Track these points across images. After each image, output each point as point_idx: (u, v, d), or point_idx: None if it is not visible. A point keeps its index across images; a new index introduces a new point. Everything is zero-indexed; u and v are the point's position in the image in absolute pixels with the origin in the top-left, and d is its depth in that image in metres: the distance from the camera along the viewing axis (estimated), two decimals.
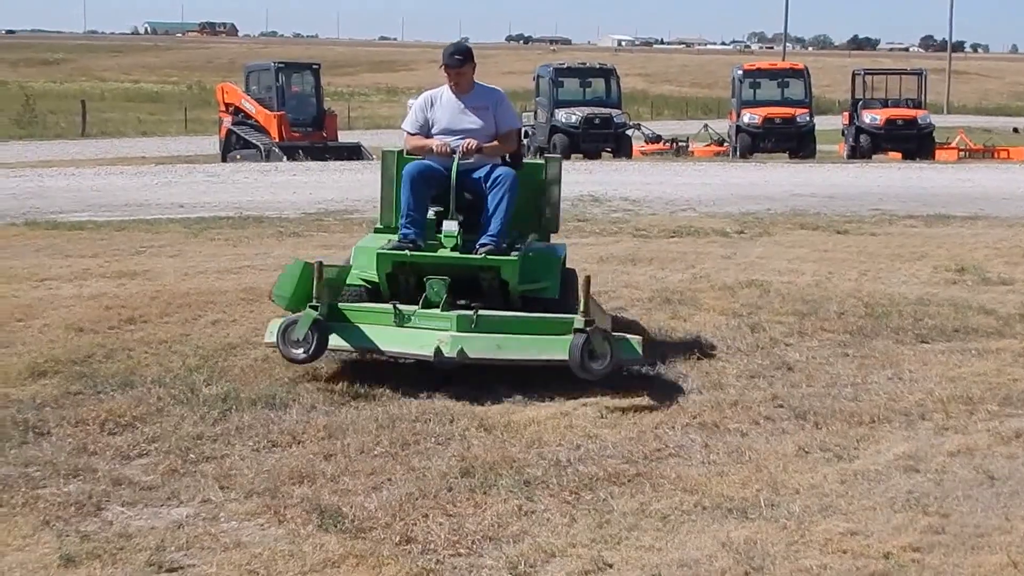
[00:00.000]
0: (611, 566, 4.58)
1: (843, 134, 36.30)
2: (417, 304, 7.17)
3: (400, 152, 8.08)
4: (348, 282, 7.50)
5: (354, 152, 29.57)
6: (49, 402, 6.58)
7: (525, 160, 8.35)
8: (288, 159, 28.02)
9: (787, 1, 70.78)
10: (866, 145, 33.84)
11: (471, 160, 7.63)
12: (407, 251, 7.34)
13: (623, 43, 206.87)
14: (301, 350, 6.87)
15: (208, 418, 6.31)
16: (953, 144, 37.13)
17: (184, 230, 13.69)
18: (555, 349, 6.85)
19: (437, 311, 7.13)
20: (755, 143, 34.08)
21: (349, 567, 4.54)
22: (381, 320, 7.15)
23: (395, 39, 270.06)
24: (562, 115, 33.14)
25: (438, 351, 6.83)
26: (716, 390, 7.05)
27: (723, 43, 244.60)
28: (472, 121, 7.82)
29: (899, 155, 32.96)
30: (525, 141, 35.02)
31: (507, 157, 7.95)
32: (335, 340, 7.00)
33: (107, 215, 15.43)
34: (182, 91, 72.58)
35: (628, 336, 7.15)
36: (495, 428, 6.24)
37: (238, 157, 30.26)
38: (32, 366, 7.25)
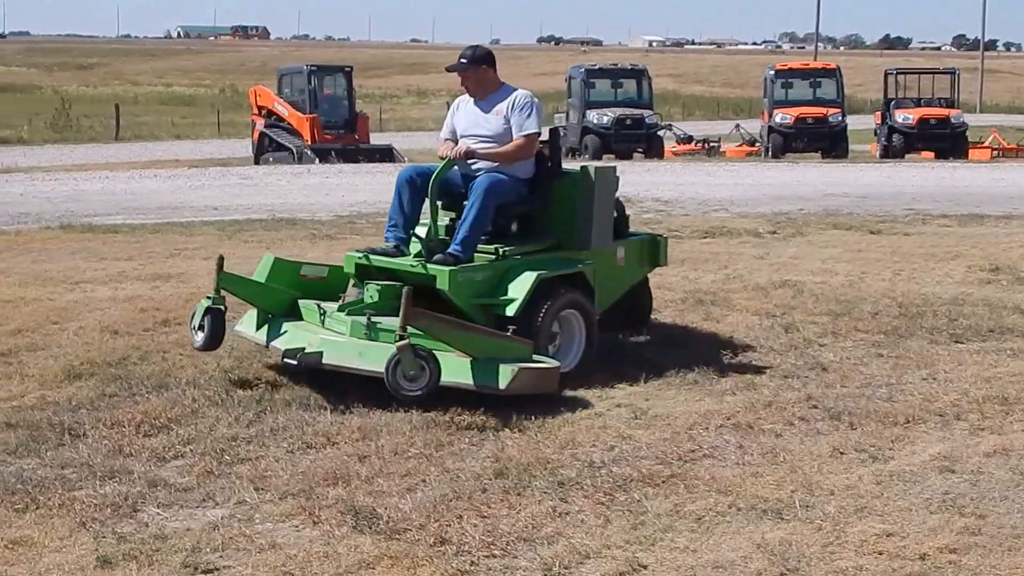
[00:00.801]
0: (645, 567, 4.57)
1: (875, 134, 36.12)
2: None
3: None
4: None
5: (386, 154, 29.65)
6: (85, 404, 6.62)
7: (566, 167, 8.06)
8: (320, 161, 28.13)
9: (819, 1, 70.54)
10: (899, 145, 33.67)
11: (475, 164, 7.54)
12: (365, 255, 7.42)
13: (654, 44, 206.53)
14: (199, 336, 7.28)
15: (243, 420, 6.34)
16: (986, 143, 36.87)
17: (218, 233, 13.76)
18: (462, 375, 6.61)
19: (342, 314, 7.10)
20: (787, 143, 33.97)
21: (384, 568, 4.55)
22: (310, 318, 7.33)
23: (426, 41, 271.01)
24: (594, 116, 33.15)
25: (298, 350, 6.80)
26: (750, 391, 7.02)
27: (754, 43, 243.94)
28: (484, 126, 7.63)
29: (932, 154, 32.77)
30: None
31: (544, 162, 7.83)
32: (244, 328, 7.51)
33: (141, 218, 15.53)
34: (215, 94, 72.93)
35: (499, 361, 6.61)
36: (529, 429, 6.24)
37: (271, 160, 30.41)
38: (68, 368, 7.31)
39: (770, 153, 33.92)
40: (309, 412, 6.47)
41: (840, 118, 34.32)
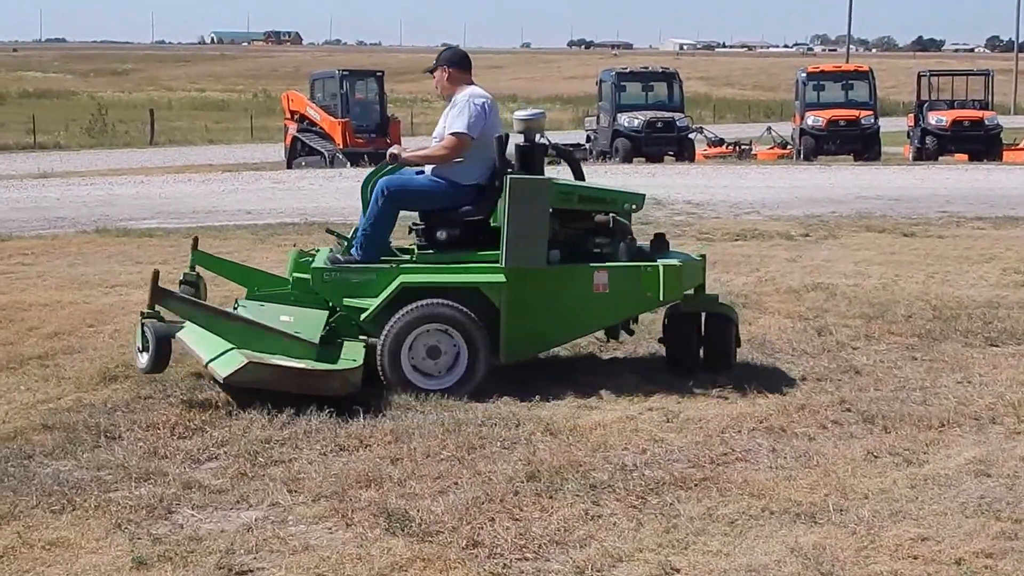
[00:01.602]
0: (678, 571, 4.56)
1: (908, 136, 35.94)
2: None
3: None
4: None
5: None
6: (120, 406, 6.67)
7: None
8: (352, 165, 28.22)
9: (851, 3, 70.21)
10: (932, 147, 33.47)
11: (404, 167, 7.57)
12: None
13: (685, 47, 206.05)
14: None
15: (276, 422, 6.36)
16: (1021, 145, 36.55)
17: (251, 236, 13.83)
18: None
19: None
20: (819, 145, 33.82)
21: (416, 570, 4.56)
22: None
23: (457, 46, 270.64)
24: (624, 119, 33.12)
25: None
26: (783, 394, 7.00)
27: (785, 46, 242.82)
28: (438, 129, 7.61)
29: (966, 157, 32.57)
30: (587, 145, 35.22)
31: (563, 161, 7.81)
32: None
33: (176, 222, 15.63)
34: (248, 99, 73.25)
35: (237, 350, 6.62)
36: (561, 432, 6.24)
37: (303, 164, 30.56)
38: (104, 371, 7.36)
39: (802, 156, 33.76)
40: (342, 415, 6.48)
41: (872, 120, 34.13)
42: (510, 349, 7.15)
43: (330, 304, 7.39)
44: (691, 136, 34.75)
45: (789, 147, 36.83)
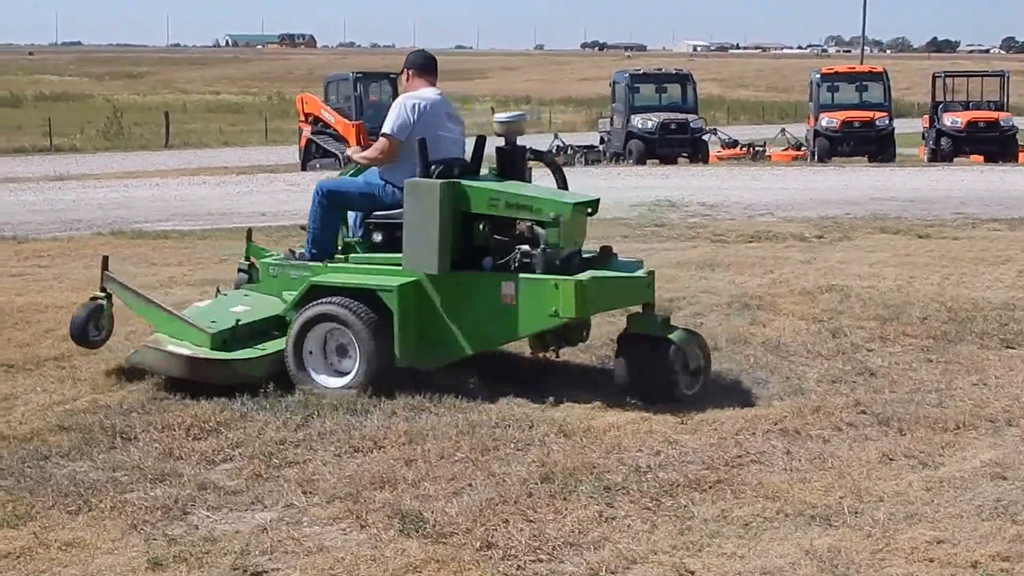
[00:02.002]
0: (692, 573, 4.56)
1: (923, 137, 35.82)
2: None
3: None
4: None
5: None
6: (136, 408, 6.69)
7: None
8: None
9: (865, 4, 70.05)
10: (947, 148, 33.34)
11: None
12: None
13: (698, 48, 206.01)
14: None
15: (291, 424, 6.38)
16: None
17: (266, 238, 13.82)
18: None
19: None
20: (833, 147, 33.73)
21: (430, 572, 4.57)
22: None
23: (470, 48, 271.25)
24: (638, 121, 33.10)
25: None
26: (797, 396, 6.99)
27: (799, 47, 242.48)
28: None
29: (981, 158, 32.44)
30: (601, 147, 35.22)
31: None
32: None
33: (191, 224, 15.68)
34: (262, 102, 73.33)
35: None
36: (575, 433, 6.24)
37: (318, 166, 30.57)
38: (119, 373, 7.39)
39: (816, 157, 33.69)
40: (356, 416, 6.50)
41: (887, 122, 34.04)
42: (404, 355, 6.96)
43: None
44: (705, 138, 34.71)
45: (803, 149, 36.75)
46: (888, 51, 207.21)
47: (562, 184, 7.59)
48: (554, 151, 34.37)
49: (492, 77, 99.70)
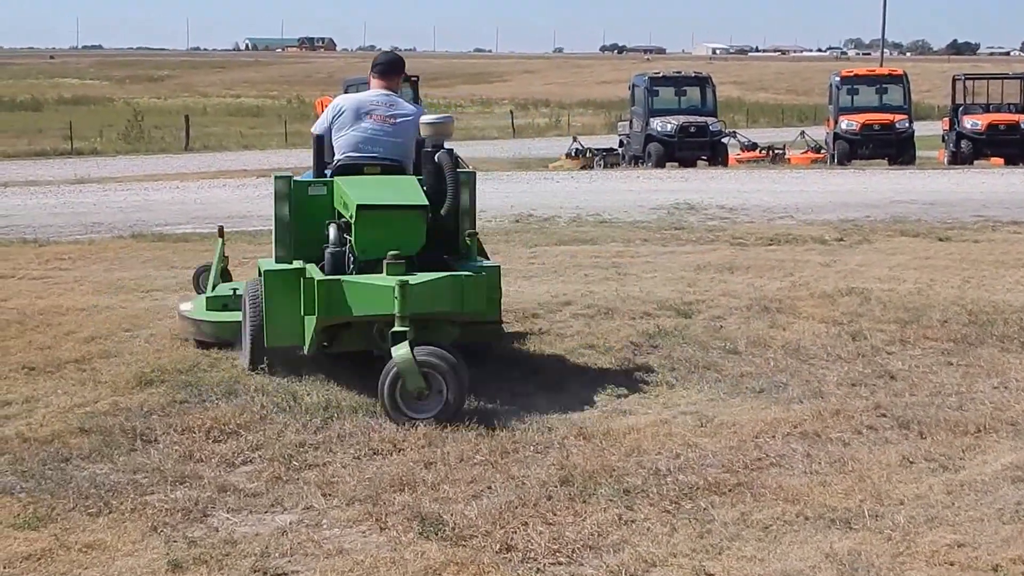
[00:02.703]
0: None
1: (943, 140, 35.65)
2: None
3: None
4: None
5: None
6: (156, 410, 6.72)
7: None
8: None
9: (885, 6, 69.91)
10: (967, 151, 33.18)
11: None
12: None
13: (718, 51, 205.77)
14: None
15: (310, 426, 6.40)
16: None
17: None
18: None
19: None
20: (853, 150, 33.60)
21: (450, 575, 4.57)
22: None
23: (490, 51, 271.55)
24: (657, 124, 33.02)
25: None
26: (817, 399, 6.98)
27: (819, 50, 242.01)
28: None
29: (1001, 161, 32.27)
30: (620, 150, 35.19)
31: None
32: None
33: (210, 227, 15.66)
34: (282, 105, 73.46)
35: None
36: (594, 436, 6.24)
37: None
38: (140, 375, 7.41)
39: (836, 160, 33.57)
40: (375, 418, 6.51)
41: (907, 124, 33.91)
42: (268, 337, 7.21)
43: None
44: (724, 140, 34.62)
45: (823, 151, 36.60)
46: (908, 53, 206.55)
47: (453, 190, 7.29)
48: (572, 154, 34.39)
49: (511, 80, 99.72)
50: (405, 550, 4.78)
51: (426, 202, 7.09)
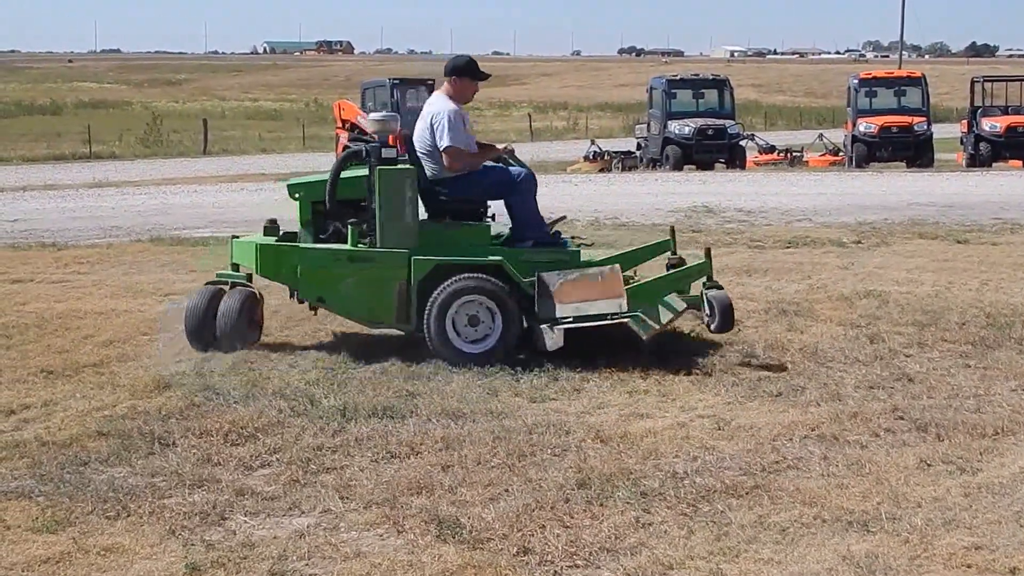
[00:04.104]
0: None
1: (962, 142, 35.55)
2: None
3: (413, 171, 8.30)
4: None
5: None
6: (174, 414, 6.73)
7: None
8: None
9: (903, 9, 69.66)
10: (986, 153, 33.09)
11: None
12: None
13: (736, 54, 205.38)
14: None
15: (328, 430, 6.41)
16: None
17: None
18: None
19: None
20: (871, 152, 33.55)
21: None
22: None
23: (507, 54, 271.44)
24: (675, 127, 33.02)
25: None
26: (835, 401, 6.96)
27: (837, 52, 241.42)
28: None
29: (1020, 163, 32.16)
30: (638, 153, 35.17)
31: None
32: None
33: (229, 231, 15.69)
34: (300, 108, 73.68)
35: None
36: (611, 439, 6.24)
37: None
38: (158, 379, 7.44)
39: (854, 163, 33.51)
40: (392, 422, 6.52)
41: (925, 127, 33.82)
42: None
43: None
44: (742, 143, 34.59)
45: (841, 154, 36.54)
46: (927, 56, 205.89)
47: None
48: (591, 157, 34.38)
49: (529, 83, 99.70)
50: (422, 553, 4.79)
51: None
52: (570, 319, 7.82)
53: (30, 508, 5.29)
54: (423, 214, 8.28)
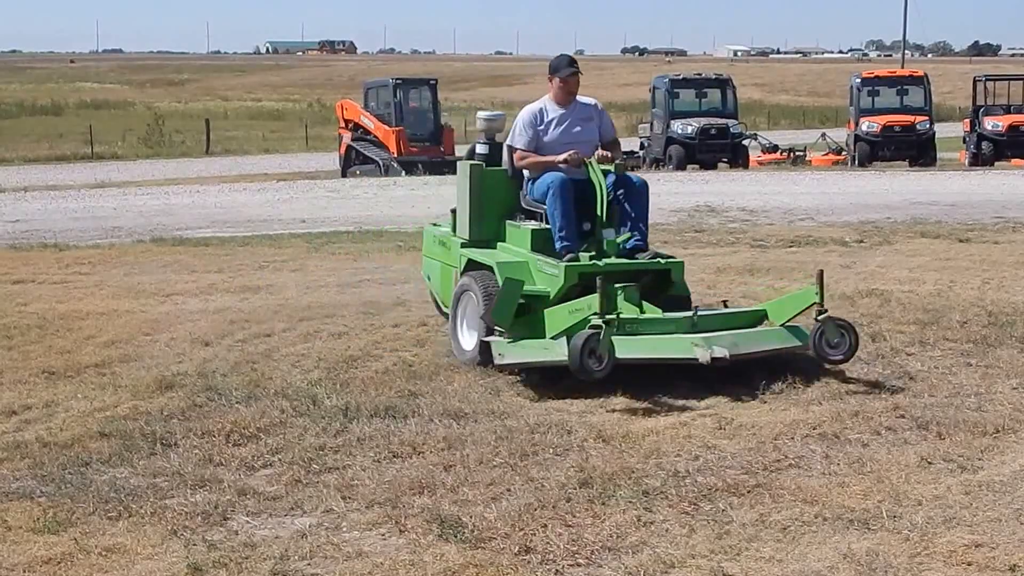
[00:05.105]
0: None
1: (964, 141, 35.56)
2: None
3: (480, 166, 8.49)
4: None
5: None
6: (176, 414, 6.74)
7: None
8: (406, 174, 28.36)
9: (906, 8, 69.61)
10: (988, 152, 33.11)
11: (608, 167, 8.00)
12: (598, 262, 7.68)
13: (739, 53, 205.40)
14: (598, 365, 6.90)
15: (330, 429, 6.41)
16: None
17: (305, 245, 13.93)
18: (784, 339, 7.59)
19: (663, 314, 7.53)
20: (874, 151, 33.57)
21: None
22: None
23: (510, 53, 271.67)
24: (678, 126, 33.04)
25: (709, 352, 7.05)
26: (836, 400, 6.97)
27: (840, 51, 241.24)
28: (582, 132, 8.16)
29: (1022, 162, 32.18)
30: (640, 153, 35.16)
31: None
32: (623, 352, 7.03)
33: (231, 231, 15.76)
34: (303, 109, 73.69)
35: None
36: (613, 438, 6.24)
37: (357, 172, 30.73)
38: (160, 379, 7.45)
39: (856, 162, 33.53)
40: (395, 422, 6.53)
41: (928, 126, 33.85)
42: None
43: None
44: (745, 143, 34.60)
45: (844, 153, 36.55)
46: (929, 55, 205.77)
47: None
48: None
49: (532, 83, 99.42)
50: (424, 552, 4.79)
51: None
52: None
53: (32, 509, 5.30)
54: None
